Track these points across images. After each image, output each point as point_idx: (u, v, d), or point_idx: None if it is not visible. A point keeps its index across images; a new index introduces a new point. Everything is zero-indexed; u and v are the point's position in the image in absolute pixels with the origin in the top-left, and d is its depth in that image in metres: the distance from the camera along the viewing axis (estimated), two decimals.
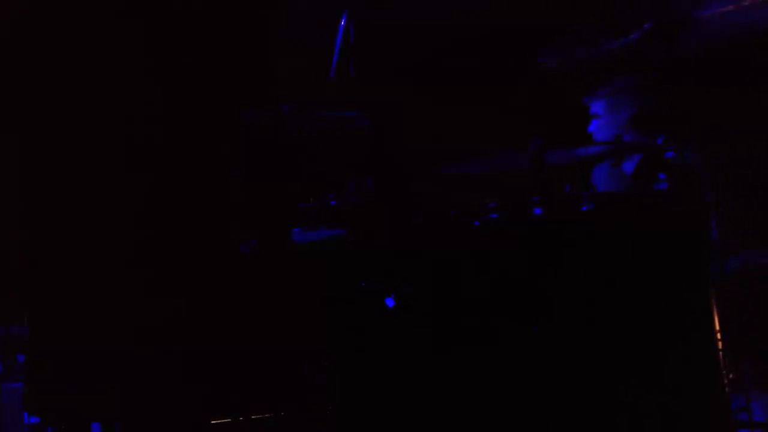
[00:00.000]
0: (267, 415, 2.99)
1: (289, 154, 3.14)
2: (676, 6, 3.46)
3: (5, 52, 2.70)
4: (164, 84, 2.71)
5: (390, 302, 2.82)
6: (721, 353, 2.83)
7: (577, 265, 2.75)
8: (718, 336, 2.83)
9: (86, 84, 2.68)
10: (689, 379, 2.75)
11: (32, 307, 2.81)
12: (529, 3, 4.38)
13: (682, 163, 3.80)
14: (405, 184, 3.42)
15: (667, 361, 2.73)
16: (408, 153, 3.82)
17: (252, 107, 2.96)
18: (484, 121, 4.54)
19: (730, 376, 3.18)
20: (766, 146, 4.00)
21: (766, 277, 3.70)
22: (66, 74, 2.68)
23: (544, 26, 4.22)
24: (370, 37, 3.36)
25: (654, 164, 3.96)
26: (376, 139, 3.35)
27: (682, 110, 3.83)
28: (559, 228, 2.81)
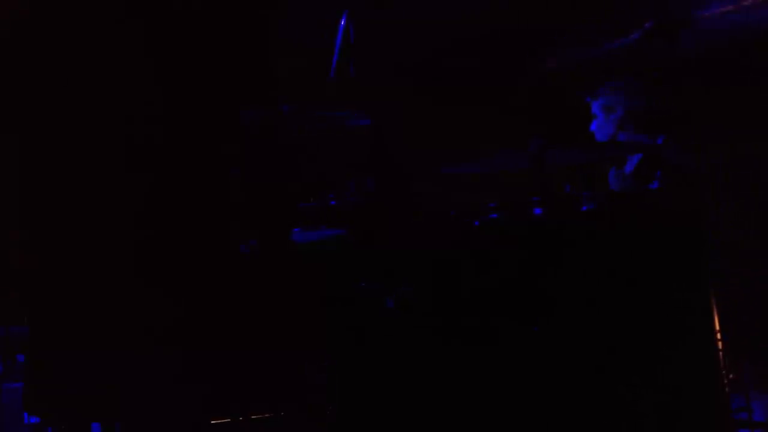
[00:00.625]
0: (267, 415, 2.99)
1: (289, 154, 3.14)
2: (676, 6, 3.46)
3: (5, 52, 2.69)
4: (164, 84, 2.71)
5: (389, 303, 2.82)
6: (721, 353, 2.83)
7: (577, 265, 2.74)
8: (718, 336, 2.83)
9: (86, 84, 2.67)
10: (689, 379, 2.75)
11: (32, 307, 2.81)
12: (529, 3, 4.38)
13: (682, 162, 3.80)
14: (405, 184, 3.42)
15: (667, 361, 2.73)
16: (408, 153, 3.82)
17: (252, 107, 2.96)
18: (484, 121, 4.54)
19: (730, 376, 3.18)
20: (766, 146, 4.00)
21: (766, 277, 3.70)
22: (66, 74, 2.68)
23: (544, 26, 4.22)
24: (370, 37, 3.36)
25: (653, 164, 3.96)
26: (376, 139, 3.35)
27: (682, 110, 3.83)
28: (559, 228, 2.81)
